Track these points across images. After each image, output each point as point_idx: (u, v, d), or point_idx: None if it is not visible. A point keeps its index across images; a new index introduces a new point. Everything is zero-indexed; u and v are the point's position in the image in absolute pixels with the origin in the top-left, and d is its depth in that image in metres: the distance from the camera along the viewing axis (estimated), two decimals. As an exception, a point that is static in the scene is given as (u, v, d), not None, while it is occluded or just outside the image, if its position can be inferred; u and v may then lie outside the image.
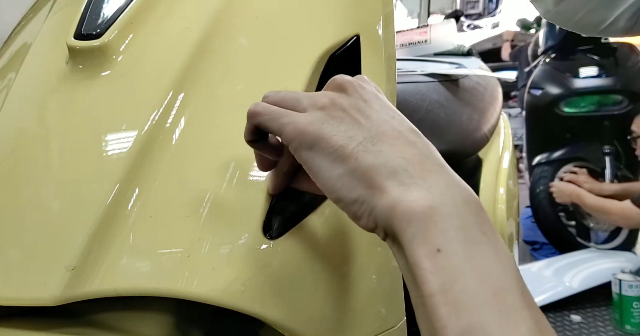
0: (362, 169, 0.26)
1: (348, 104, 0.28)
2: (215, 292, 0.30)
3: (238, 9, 0.42)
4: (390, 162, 0.25)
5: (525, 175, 2.61)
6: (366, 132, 0.26)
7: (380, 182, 0.25)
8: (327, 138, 0.26)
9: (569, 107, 2.31)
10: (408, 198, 0.24)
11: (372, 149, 0.26)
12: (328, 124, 0.27)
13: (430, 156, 0.27)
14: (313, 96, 0.29)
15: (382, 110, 0.28)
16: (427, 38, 1.20)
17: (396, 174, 0.25)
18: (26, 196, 0.35)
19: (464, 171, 0.79)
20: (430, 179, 0.25)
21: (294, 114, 0.28)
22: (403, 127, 0.27)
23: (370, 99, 0.28)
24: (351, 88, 0.28)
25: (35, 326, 0.33)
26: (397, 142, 0.26)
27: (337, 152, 0.26)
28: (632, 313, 1.57)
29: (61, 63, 0.40)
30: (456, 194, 0.25)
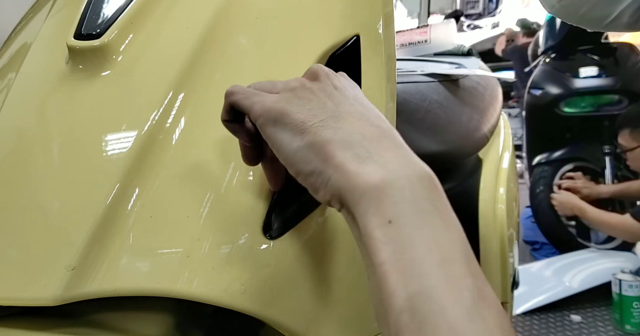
0: (320, 143, 0.27)
1: (318, 88, 0.29)
2: (215, 292, 0.30)
3: (238, 8, 0.42)
4: (347, 137, 0.26)
5: (525, 175, 2.61)
6: (330, 112, 0.28)
7: (336, 154, 0.26)
8: (291, 114, 0.28)
9: (568, 107, 2.32)
10: (362, 171, 0.25)
11: (332, 125, 0.27)
12: (294, 103, 0.28)
13: (390, 136, 0.28)
14: (287, 81, 0.30)
15: (352, 98, 0.29)
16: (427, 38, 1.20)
17: (352, 147, 0.26)
18: (26, 196, 0.35)
19: (464, 171, 0.79)
20: (386, 155, 0.26)
21: (265, 94, 0.30)
22: (369, 113, 0.29)
23: (342, 87, 0.29)
24: (324, 76, 0.30)
25: (35, 326, 0.33)
26: (359, 122, 0.27)
27: (298, 127, 0.27)
28: (632, 313, 1.57)
29: (61, 63, 0.40)
30: (410, 170, 0.26)
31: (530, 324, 1.66)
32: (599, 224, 1.82)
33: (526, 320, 1.69)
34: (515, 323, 1.66)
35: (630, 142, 1.74)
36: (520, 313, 1.71)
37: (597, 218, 1.82)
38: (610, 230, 1.80)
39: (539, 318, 1.69)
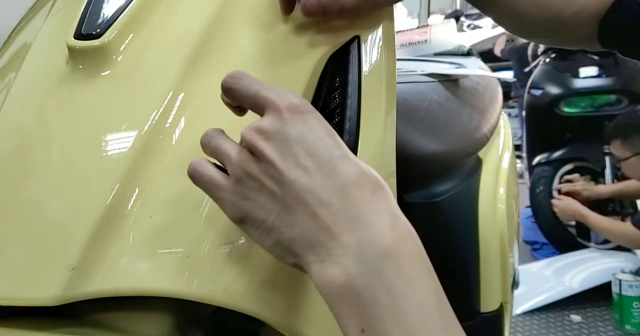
0: (285, 242, 0.28)
1: (260, 173, 0.28)
2: (215, 292, 0.31)
3: (238, 9, 0.42)
4: (305, 234, 0.27)
5: (525, 175, 2.61)
6: (281, 203, 0.28)
7: (302, 255, 0.27)
8: (250, 214, 0.29)
9: (568, 107, 2.32)
10: (324, 278, 0.26)
11: (288, 220, 0.28)
12: (249, 200, 0.29)
13: (343, 210, 0.27)
14: (231, 160, 0.30)
15: (296, 164, 0.28)
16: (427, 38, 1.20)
17: (313, 247, 0.27)
18: (26, 196, 0.35)
19: (464, 171, 0.79)
20: (342, 246, 0.26)
21: (221, 186, 0.30)
22: (317, 181, 0.27)
23: (280, 157, 0.28)
24: (260, 150, 0.28)
25: (35, 326, 0.33)
26: (309, 208, 0.27)
27: (262, 227, 0.29)
28: (632, 313, 1.57)
29: (61, 63, 0.40)
30: (368, 256, 0.26)
31: (530, 324, 1.66)
32: (600, 230, 1.84)
33: (526, 320, 1.69)
34: (515, 323, 1.66)
35: (623, 152, 1.75)
36: (520, 313, 1.71)
37: (598, 224, 1.83)
38: (611, 237, 1.82)
39: (539, 318, 1.69)
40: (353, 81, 0.40)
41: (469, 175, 0.79)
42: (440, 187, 0.70)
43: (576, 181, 2.12)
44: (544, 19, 0.48)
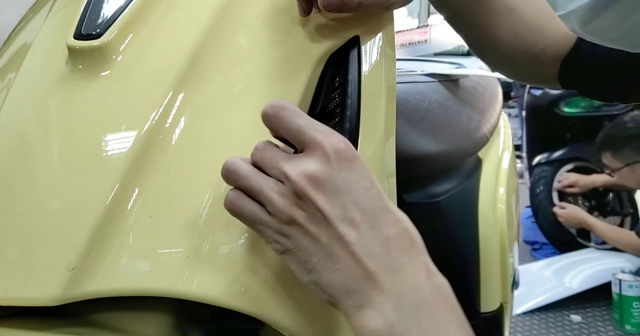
0: (324, 285, 0.29)
1: (306, 221, 0.29)
2: (215, 292, 0.30)
3: (238, 9, 0.42)
4: (346, 281, 0.28)
5: (525, 175, 2.61)
6: (324, 250, 0.29)
7: (339, 300, 0.29)
8: (293, 253, 0.29)
9: (569, 107, 2.31)
10: (362, 323, 0.27)
11: (330, 267, 0.29)
12: (292, 241, 0.29)
13: (385, 261, 0.28)
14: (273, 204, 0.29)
15: (342, 217, 0.28)
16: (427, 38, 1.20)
17: (352, 293, 0.28)
18: (26, 195, 0.35)
19: (464, 171, 0.79)
20: (382, 294, 0.28)
21: (265, 221, 0.30)
22: (362, 232, 0.28)
23: (328, 206, 0.28)
24: (307, 197, 0.28)
25: (35, 326, 0.33)
26: (353, 257, 0.28)
27: (303, 266, 0.29)
28: (632, 313, 1.56)
29: (61, 63, 0.40)
30: (407, 304, 0.27)
31: (530, 324, 1.66)
32: (606, 238, 1.87)
33: (526, 320, 1.69)
34: (515, 323, 1.66)
35: (614, 163, 1.77)
36: (520, 313, 1.71)
37: (604, 233, 1.86)
38: (617, 244, 1.85)
39: (539, 318, 1.69)
40: (353, 81, 0.40)
41: (469, 175, 0.79)
42: (440, 187, 0.70)
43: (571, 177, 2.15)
44: (518, 51, 0.51)
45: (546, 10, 0.50)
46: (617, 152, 1.74)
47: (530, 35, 0.50)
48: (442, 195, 0.69)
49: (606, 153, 1.79)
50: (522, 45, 0.50)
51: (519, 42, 0.50)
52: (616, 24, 0.30)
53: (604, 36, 0.32)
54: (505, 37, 0.50)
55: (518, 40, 0.50)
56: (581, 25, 0.31)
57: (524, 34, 0.50)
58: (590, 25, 0.31)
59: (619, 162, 1.74)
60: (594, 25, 0.31)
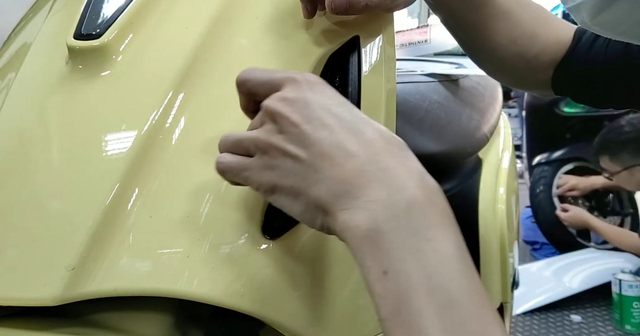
0: (314, 201, 0.28)
1: (284, 140, 0.29)
2: (215, 292, 0.30)
3: (238, 9, 0.42)
4: (332, 186, 0.27)
5: (525, 175, 2.61)
6: (308, 163, 0.28)
7: (330, 208, 0.27)
8: (279, 182, 0.29)
9: (569, 107, 2.31)
10: (350, 225, 0.26)
11: (316, 178, 0.28)
12: (276, 169, 0.29)
13: (372, 160, 0.27)
14: (251, 138, 0.30)
15: (320, 125, 0.28)
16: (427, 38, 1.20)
17: (339, 198, 0.27)
18: (26, 195, 0.35)
19: (464, 171, 0.79)
20: (370, 194, 0.26)
21: (247, 165, 0.30)
22: (343, 135, 0.28)
23: (305, 120, 0.28)
24: (283, 116, 0.29)
25: (35, 326, 0.33)
26: (337, 160, 0.27)
27: (292, 192, 0.29)
28: (632, 313, 1.56)
29: (61, 63, 0.40)
30: (396, 203, 0.26)
31: (530, 324, 1.66)
32: (610, 240, 1.88)
33: (526, 320, 1.69)
34: (515, 323, 1.66)
35: (612, 167, 1.77)
36: (520, 313, 1.71)
37: (608, 234, 1.87)
38: (619, 246, 1.86)
39: (539, 318, 1.69)
40: (353, 81, 0.40)
41: (469, 175, 0.79)
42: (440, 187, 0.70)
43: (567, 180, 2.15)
44: (513, 56, 0.51)
45: (541, 17, 0.51)
46: (615, 157, 1.75)
47: (525, 40, 0.50)
48: (442, 195, 0.69)
49: (604, 157, 1.79)
50: (516, 50, 0.50)
51: (513, 47, 0.50)
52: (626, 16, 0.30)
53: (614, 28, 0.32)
54: (501, 41, 0.50)
55: (513, 44, 0.50)
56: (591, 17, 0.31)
57: (519, 39, 0.50)
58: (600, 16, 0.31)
59: (617, 166, 1.74)
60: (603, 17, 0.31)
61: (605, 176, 1.84)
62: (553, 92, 0.54)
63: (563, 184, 2.17)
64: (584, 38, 0.51)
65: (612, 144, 1.77)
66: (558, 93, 0.54)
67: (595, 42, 0.50)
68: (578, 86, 0.53)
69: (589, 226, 1.94)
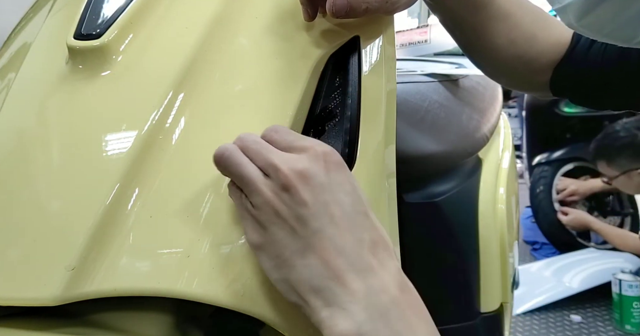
0: (293, 281, 0.29)
1: (288, 213, 0.29)
2: (215, 292, 0.30)
3: (238, 9, 0.42)
4: (315, 279, 0.28)
5: (525, 175, 2.61)
6: (299, 243, 0.29)
7: (308, 299, 0.28)
8: (268, 246, 0.30)
9: (569, 107, 2.31)
10: (331, 323, 0.27)
11: (301, 262, 0.29)
12: (269, 233, 0.30)
13: (356, 261, 0.29)
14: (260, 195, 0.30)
15: (323, 212, 0.29)
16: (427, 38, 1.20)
17: (320, 292, 0.28)
18: (26, 196, 0.35)
19: (464, 171, 0.79)
20: (350, 294, 0.28)
21: (249, 209, 0.31)
22: (338, 231, 0.29)
23: (311, 202, 0.29)
24: (294, 189, 0.29)
25: (35, 326, 0.33)
26: (324, 253, 0.28)
27: (275, 260, 0.30)
28: (632, 313, 1.56)
29: (61, 63, 0.40)
30: (374, 305, 0.27)
31: (530, 324, 1.66)
32: (611, 242, 1.89)
33: (526, 320, 1.69)
34: (515, 323, 1.66)
35: (610, 172, 1.78)
36: (520, 313, 1.71)
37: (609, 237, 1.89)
38: (622, 248, 1.86)
39: (539, 318, 1.69)
40: (353, 81, 0.40)
41: (469, 175, 0.79)
42: (440, 187, 0.70)
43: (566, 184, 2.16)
44: (512, 57, 0.51)
45: (540, 18, 0.51)
46: (612, 162, 1.75)
47: (523, 42, 0.50)
48: (442, 195, 0.69)
49: (601, 162, 1.80)
50: (515, 51, 0.50)
51: (512, 49, 0.50)
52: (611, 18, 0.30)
53: (599, 30, 0.32)
54: (499, 42, 0.50)
55: (512, 46, 0.50)
56: (577, 19, 0.31)
57: (518, 40, 0.50)
58: (586, 18, 0.31)
59: (615, 170, 1.75)
60: (589, 19, 0.31)
61: (604, 180, 1.85)
62: (552, 93, 0.54)
63: (563, 188, 2.18)
64: (582, 40, 0.51)
65: (609, 150, 1.77)
66: (556, 94, 0.54)
67: (593, 43, 0.50)
68: (576, 88, 0.53)
69: (591, 228, 1.95)
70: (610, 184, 1.83)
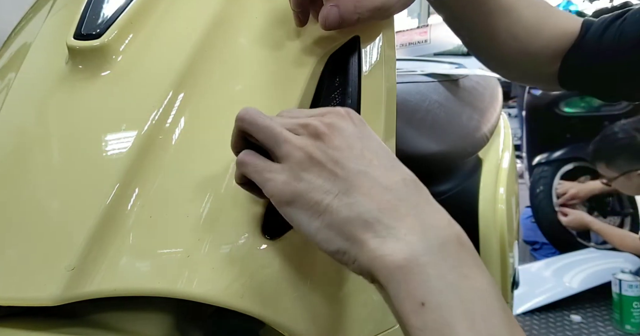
0: (338, 223, 0.27)
1: (324, 156, 0.28)
2: (215, 292, 0.30)
3: (238, 9, 0.42)
4: (365, 213, 0.26)
5: (525, 175, 2.61)
6: (341, 185, 0.27)
7: (357, 235, 0.26)
8: (304, 195, 0.28)
9: (569, 107, 2.31)
10: (384, 252, 0.25)
11: (347, 201, 0.27)
12: (305, 182, 0.28)
13: (405, 198, 0.27)
14: (290, 142, 0.29)
15: (360, 155, 0.28)
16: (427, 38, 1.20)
17: (371, 225, 0.26)
18: (26, 196, 0.35)
19: (464, 171, 0.79)
20: (405, 226, 0.26)
21: (274, 168, 0.29)
22: (380, 172, 0.28)
23: (346, 146, 0.29)
24: (326, 137, 0.29)
25: (35, 326, 0.33)
26: (372, 191, 0.27)
27: (314, 208, 0.27)
28: (632, 313, 1.56)
29: (61, 63, 0.40)
30: (432, 238, 0.26)
31: (530, 324, 1.66)
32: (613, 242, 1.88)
33: (526, 320, 1.69)
34: (515, 323, 1.66)
35: (610, 173, 1.78)
36: (520, 313, 1.71)
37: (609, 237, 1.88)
38: (621, 248, 1.86)
39: (539, 318, 1.69)
40: (353, 81, 0.40)
41: (469, 175, 0.79)
42: (440, 187, 0.70)
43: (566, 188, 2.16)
44: (516, 51, 0.51)
45: (544, 11, 0.50)
46: (611, 163, 1.76)
47: (527, 35, 0.50)
48: (442, 195, 0.69)
49: (600, 164, 1.80)
50: (519, 45, 0.50)
51: (516, 43, 0.50)
52: None
53: None
54: (503, 37, 0.50)
55: (515, 40, 0.50)
56: None
57: (521, 34, 0.49)
58: None
59: (614, 172, 1.75)
60: None
61: (604, 182, 1.85)
62: (559, 85, 0.53)
63: (563, 192, 2.17)
64: (592, 29, 0.50)
65: (608, 151, 1.78)
66: (564, 86, 0.53)
67: (605, 32, 0.49)
68: (585, 78, 0.51)
69: (591, 228, 1.95)
70: (609, 186, 1.83)
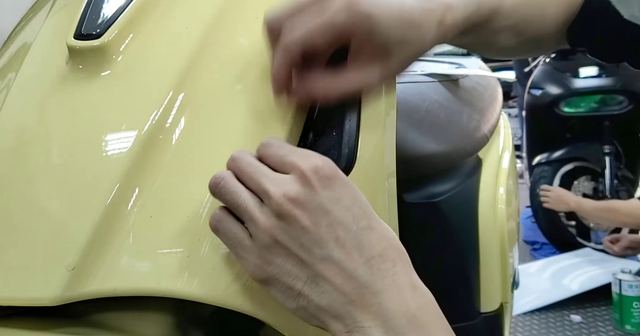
0: (313, 309, 0.29)
1: (289, 241, 0.28)
2: (215, 292, 0.31)
3: (238, 8, 0.42)
4: (335, 304, 0.28)
5: (525, 175, 2.61)
6: (308, 271, 0.29)
7: (330, 325, 0.29)
8: (277, 279, 0.29)
9: (569, 107, 2.32)
10: None
11: (316, 289, 0.29)
12: (274, 266, 0.29)
13: (371, 283, 0.28)
14: (256, 223, 0.29)
15: (325, 235, 0.28)
16: (427, 38, 1.19)
17: (342, 318, 0.28)
18: (26, 196, 0.35)
19: (464, 171, 0.79)
20: (370, 318, 0.28)
21: (246, 246, 0.30)
22: (344, 254, 0.28)
23: (312, 225, 0.28)
24: (291, 218, 0.28)
25: (35, 326, 0.33)
26: (337, 278, 0.28)
27: (288, 292, 0.29)
28: (632, 313, 1.57)
29: (61, 63, 0.40)
30: (395, 324, 0.28)
31: (530, 324, 1.66)
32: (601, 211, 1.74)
33: (526, 320, 1.69)
34: (515, 323, 1.66)
35: None
36: (520, 313, 1.71)
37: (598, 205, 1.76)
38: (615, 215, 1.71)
39: (539, 318, 1.69)
40: (353, 81, 0.40)
41: (469, 175, 0.79)
42: (440, 187, 0.70)
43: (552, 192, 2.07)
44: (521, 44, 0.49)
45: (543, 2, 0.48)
46: None
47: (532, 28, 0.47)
48: (442, 195, 0.69)
49: None
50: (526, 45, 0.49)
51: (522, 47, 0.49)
52: None
53: None
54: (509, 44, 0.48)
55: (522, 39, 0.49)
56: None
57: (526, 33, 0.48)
58: None
59: None
60: None
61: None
62: (568, 44, 0.50)
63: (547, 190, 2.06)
64: None
65: None
66: (572, 44, 0.49)
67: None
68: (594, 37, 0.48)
69: (575, 203, 1.83)
70: None
